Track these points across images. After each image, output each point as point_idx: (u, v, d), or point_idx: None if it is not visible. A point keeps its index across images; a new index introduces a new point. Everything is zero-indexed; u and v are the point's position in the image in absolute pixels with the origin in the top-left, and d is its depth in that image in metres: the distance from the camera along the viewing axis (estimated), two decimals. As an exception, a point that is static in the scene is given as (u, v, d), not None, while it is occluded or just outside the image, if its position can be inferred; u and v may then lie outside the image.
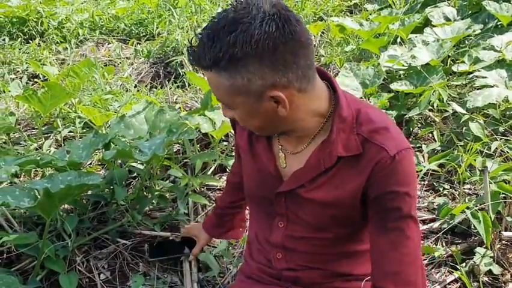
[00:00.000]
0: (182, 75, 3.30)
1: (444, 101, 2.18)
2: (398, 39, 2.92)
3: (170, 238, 1.84)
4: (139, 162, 2.00)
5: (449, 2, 3.29)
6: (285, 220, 1.11)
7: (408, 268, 0.97)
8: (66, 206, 1.95)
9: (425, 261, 1.68)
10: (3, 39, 4.07)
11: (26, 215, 1.92)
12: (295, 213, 1.09)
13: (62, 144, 2.55)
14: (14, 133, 2.66)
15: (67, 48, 3.91)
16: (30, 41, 4.06)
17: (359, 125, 0.97)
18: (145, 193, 2.00)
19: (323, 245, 1.10)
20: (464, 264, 1.61)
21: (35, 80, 3.48)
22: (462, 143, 2.06)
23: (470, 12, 3.11)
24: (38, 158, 1.80)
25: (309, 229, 1.09)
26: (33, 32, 4.19)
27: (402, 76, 2.63)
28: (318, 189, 1.02)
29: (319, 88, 0.97)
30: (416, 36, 2.86)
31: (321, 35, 3.58)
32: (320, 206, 1.03)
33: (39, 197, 1.56)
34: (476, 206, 1.65)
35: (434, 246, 1.72)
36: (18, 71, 3.66)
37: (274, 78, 0.88)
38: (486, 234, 1.52)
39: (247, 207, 1.46)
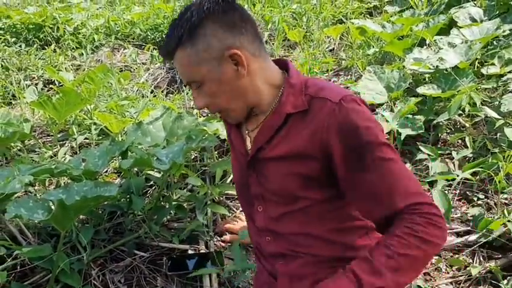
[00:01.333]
0: (199, 80, 3.23)
1: (477, 106, 2.06)
2: (422, 42, 2.82)
3: (190, 251, 1.75)
4: (156, 170, 1.93)
5: (475, 2, 3.16)
6: (261, 201, 1.18)
7: (403, 184, 0.98)
8: (81, 216, 1.88)
9: (462, 278, 1.57)
10: (20, 46, 4.05)
11: (41, 225, 1.86)
12: (267, 188, 1.14)
13: (78, 152, 2.49)
14: (29, 140, 2.61)
15: (82, 54, 3.88)
16: (46, 47, 4.04)
17: (306, 88, 1.08)
18: (162, 203, 1.93)
19: (306, 222, 1.12)
20: (505, 281, 1.49)
21: (51, 86, 3.45)
22: (497, 150, 1.94)
23: (497, 12, 2.99)
24: (53, 167, 1.73)
25: (284, 201, 1.12)
26: (49, 38, 4.18)
27: (427, 79, 2.51)
28: (274, 148, 1.10)
29: (270, 62, 1.12)
30: (441, 38, 2.74)
31: (340, 38, 3.48)
32: (282, 165, 1.09)
33: (53, 208, 1.49)
34: (518, 218, 1.54)
35: (471, 261, 1.61)
36: (34, 77, 3.64)
37: (229, 40, 1.02)
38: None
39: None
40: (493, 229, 1.59)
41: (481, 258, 1.62)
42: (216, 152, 2.25)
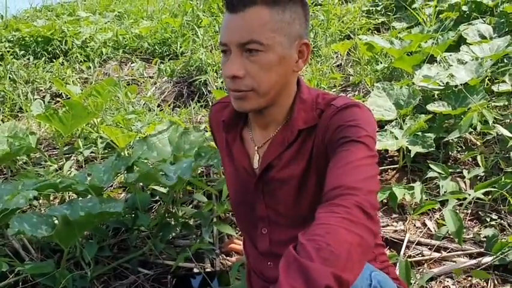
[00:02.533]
0: (206, 94, 3.22)
1: (489, 123, 2.02)
2: (431, 58, 2.79)
3: (195, 270, 1.72)
4: (161, 185, 1.90)
5: (484, 19, 3.15)
6: (267, 224, 1.13)
7: (349, 176, 0.87)
8: (85, 232, 1.85)
9: (476, 301, 1.52)
10: (28, 58, 4.08)
11: (44, 241, 1.83)
12: (275, 209, 1.10)
13: (83, 165, 2.48)
14: (34, 153, 2.60)
15: (90, 67, 3.90)
16: (54, 60, 4.06)
17: (318, 103, 1.05)
18: (168, 219, 1.89)
19: None
20: (521, 306, 1.45)
21: (58, 99, 3.46)
22: (510, 169, 1.90)
23: (507, 29, 2.97)
24: (58, 182, 1.71)
25: (293, 223, 1.08)
26: (57, 51, 4.20)
27: (437, 96, 2.48)
28: (286, 167, 1.06)
29: None
30: (450, 55, 2.72)
31: (348, 54, 3.47)
32: (293, 187, 1.06)
33: (57, 224, 1.47)
34: (533, 241, 1.49)
35: (485, 284, 1.56)
36: (41, 90, 3.65)
37: (305, 31, 1.01)
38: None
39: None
40: (509, 250, 1.54)
41: (496, 282, 1.57)
42: (223, 168, 2.22)
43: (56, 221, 1.55)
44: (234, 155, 1.16)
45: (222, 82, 3.23)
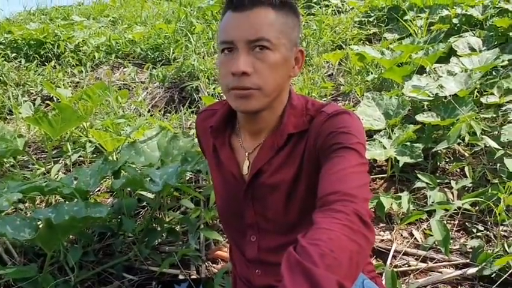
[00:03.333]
0: (198, 100, 3.22)
1: (477, 135, 2.04)
2: (421, 69, 2.82)
3: (180, 276, 1.70)
4: (148, 191, 1.89)
5: (474, 32, 3.18)
6: (256, 231, 1.13)
7: (344, 183, 0.87)
8: (70, 236, 1.83)
9: (460, 312, 1.52)
10: (20, 61, 4.06)
11: (28, 245, 1.81)
12: (264, 216, 1.09)
13: (71, 169, 2.45)
14: (22, 156, 2.58)
15: (82, 71, 3.88)
16: (46, 64, 4.04)
17: (308, 109, 1.07)
18: (154, 225, 1.88)
19: None
20: (506, 317, 1.45)
21: (49, 102, 3.43)
22: (497, 181, 1.91)
23: (496, 42, 3.00)
24: (43, 185, 1.69)
25: (282, 230, 1.08)
26: (50, 55, 4.19)
27: (426, 107, 2.50)
28: (276, 172, 1.06)
29: None
30: (440, 66, 2.74)
31: (339, 64, 3.49)
32: (283, 193, 1.06)
33: (41, 227, 1.45)
34: (518, 252, 1.50)
35: (470, 295, 1.56)
36: (32, 93, 3.63)
37: (298, 40, 1.05)
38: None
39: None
40: (494, 260, 1.54)
41: (480, 293, 1.57)
42: (211, 176, 2.21)
43: (40, 224, 1.53)
44: (222, 161, 1.15)
45: (214, 89, 3.23)
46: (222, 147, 1.15)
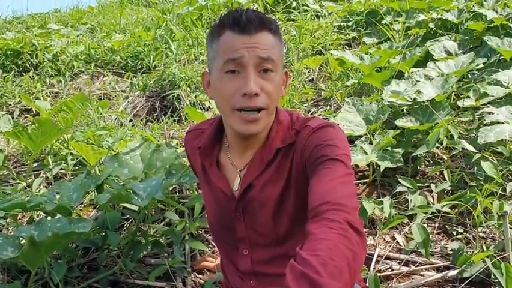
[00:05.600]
0: (179, 109, 3.22)
1: (455, 139, 2.09)
2: (399, 73, 2.87)
3: (166, 289, 1.70)
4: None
5: (449, 36, 3.26)
6: (247, 245, 1.15)
7: (334, 193, 0.90)
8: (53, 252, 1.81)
9: (443, 314, 1.55)
10: (-4, 72, 4.00)
11: (11, 261, 1.78)
12: (255, 229, 1.12)
13: (53, 182, 2.43)
14: (2, 170, 2.54)
15: (61, 81, 3.84)
16: (24, 74, 3.99)
17: (293, 123, 1.11)
18: (138, 237, 1.87)
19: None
20: (486, 318, 1.49)
21: (27, 114, 3.39)
22: (474, 183, 1.96)
23: (471, 46, 3.08)
24: (25, 201, 1.68)
25: (273, 243, 1.11)
26: (28, 65, 4.13)
27: (406, 112, 2.55)
28: (266, 186, 1.09)
29: None
30: (418, 71, 2.80)
31: (319, 69, 3.53)
32: (273, 206, 1.09)
33: (24, 245, 1.44)
34: (496, 253, 1.54)
35: (451, 297, 1.60)
36: (10, 104, 3.57)
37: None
38: (509, 286, 1.40)
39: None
40: (473, 262, 1.58)
41: (462, 294, 1.61)
42: (196, 185, 2.21)
43: (23, 242, 1.51)
44: (211, 180, 1.18)
45: (195, 97, 3.23)
46: (210, 168, 1.18)
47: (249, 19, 1.00)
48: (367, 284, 1.52)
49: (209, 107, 3.11)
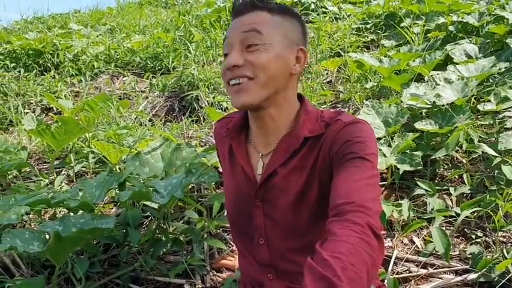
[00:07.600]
0: (198, 109, 3.25)
1: (475, 143, 2.07)
2: (419, 76, 2.86)
3: (186, 286, 1.72)
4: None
5: (470, 39, 3.23)
6: (263, 234, 1.14)
7: (359, 194, 0.90)
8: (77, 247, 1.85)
9: (462, 318, 1.55)
10: (19, 71, 4.08)
11: (34, 256, 1.83)
12: (272, 218, 1.11)
13: (74, 180, 2.48)
14: (25, 167, 2.59)
15: (81, 80, 3.91)
16: (45, 73, 4.06)
17: (322, 117, 1.10)
18: (158, 235, 1.90)
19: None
20: (506, 323, 1.48)
21: (49, 112, 3.45)
22: (495, 187, 1.95)
23: (492, 49, 3.05)
24: (49, 197, 1.71)
25: (290, 234, 1.10)
26: (49, 64, 4.21)
27: (425, 115, 2.54)
28: (290, 174, 1.07)
29: None
30: (437, 74, 2.79)
31: (338, 71, 3.53)
32: (294, 195, 1.07)
33: (49, 240, 1.47)
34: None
35: (471, 301, 1.60)
36: (32, 103, 3.64)
37: (304, 41, 1.11)
38: (530, 290, 1.39)
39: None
40: (493, 266, 1.58)
41: (481, 299, 1.60)
42: (214, 184, 2.24)
43: (48, 237, 1.55)
44: (236, 161, 1.18)
45: (213, 97, 3.26)
46: (238, 147, 1.18)
47: (243, 2, 1.05)
48: (385, 283, 1.52)
49: (227, 107, 3.14)
